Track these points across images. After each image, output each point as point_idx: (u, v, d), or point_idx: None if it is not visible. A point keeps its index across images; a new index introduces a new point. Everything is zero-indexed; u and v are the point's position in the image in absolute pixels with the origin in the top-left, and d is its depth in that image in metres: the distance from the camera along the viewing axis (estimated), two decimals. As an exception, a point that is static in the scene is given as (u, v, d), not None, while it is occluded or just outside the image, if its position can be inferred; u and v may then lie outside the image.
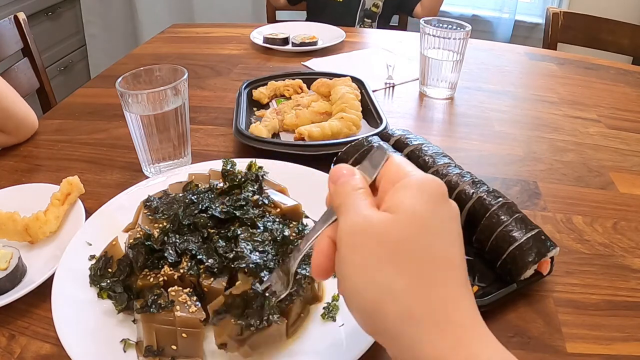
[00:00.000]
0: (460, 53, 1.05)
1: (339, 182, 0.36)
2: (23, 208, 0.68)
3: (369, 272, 0.31)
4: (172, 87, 0.75)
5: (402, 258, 0.31)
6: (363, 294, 0.32)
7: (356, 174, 0.36)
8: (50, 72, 2.16)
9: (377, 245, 0.31)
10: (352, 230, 0.33)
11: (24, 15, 1.41)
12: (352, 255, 0.32)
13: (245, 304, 0.47)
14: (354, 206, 0.34)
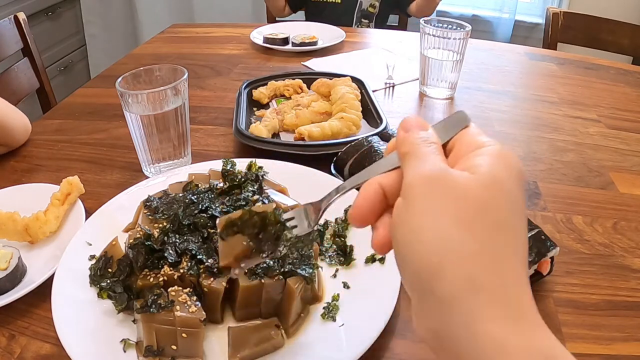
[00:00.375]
0: (460, 53, 1.05)
1: (412, 131, 0.34)
2: (23, 208, 0.68)
3: (441, 226, 0.28)
4: (172, 87, 0.75)
5: (478, 220, 0.28)
6: (427, 247, 0.28)
7: (430, 129, 0.34)
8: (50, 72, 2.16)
9: (454, 200, 0.29)
10: (428, 179, 0.30)
11: (24, 15, 1.41)
12: (424, 203, 0.29)
13: (262, 228, 0.43)
14: (427, 156, 0.31)
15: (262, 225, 0.43)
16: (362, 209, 0.33)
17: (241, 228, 0.43)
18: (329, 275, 0.60)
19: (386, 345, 0.53)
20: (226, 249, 0.42)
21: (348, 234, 0.65)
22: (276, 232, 0.42)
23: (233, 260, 0.42)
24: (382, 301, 0.54)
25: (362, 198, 0.34)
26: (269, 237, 0.42)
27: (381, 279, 0.57)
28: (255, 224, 0.43)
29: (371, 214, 0.34)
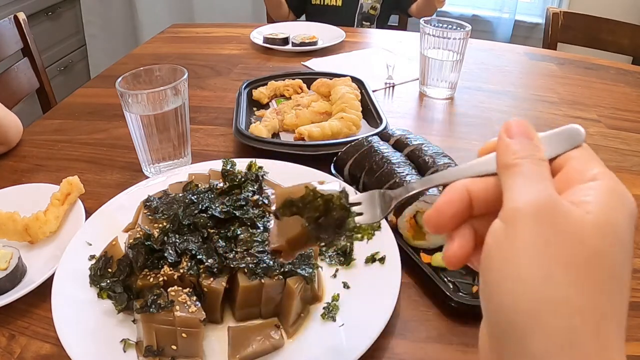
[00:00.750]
0: (460, 53, 1.05)
1: (520, 140, 0.30)
2: (23, 208, 0.68)
3: (547, 267, 0.25)
4: (172, 87, 0.75)
5: (590, 271, 0.25)
6: (527, 287, 0.25)
7: (538, 140, 0.30)
8: (50, 72, 2.16)
9: (567, 242, 0.25)
10: (538, 208, 0.26)
11: (24, 15, 1.41)
12: (530, 236, 0.26)
13: (325, 212, 0.38)
14: (537, 178, 0.27)
15: (325, 209, 0.38)
16: (443, 214, 0.30)
17: (301, 209, 0.38)
18: (329, 275, 0.60)
19: (386, 345, 0.53)
20: (280, 230, 0.38)
21: (348, 234, 0.65)
22: (339, 219, 0.37)
23: (285, 244, 0.38)
24: (382, 301, 0.54)
25: (445, 202, 0.30)
26: (330, 223, 0.38)
27: (381, 279, 0.57)
28: (318, 207, 0.37)
29: (451, 221, 0.30)
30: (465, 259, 0.30)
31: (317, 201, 0.38)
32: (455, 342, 0.54)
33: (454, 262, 0.30)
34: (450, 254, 0.30)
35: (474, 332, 0.55)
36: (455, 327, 0.55)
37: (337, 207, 0.37)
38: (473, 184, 0.30)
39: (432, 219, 0.30)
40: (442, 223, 0.30)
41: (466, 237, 0.30)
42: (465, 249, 0.30)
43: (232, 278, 0.54)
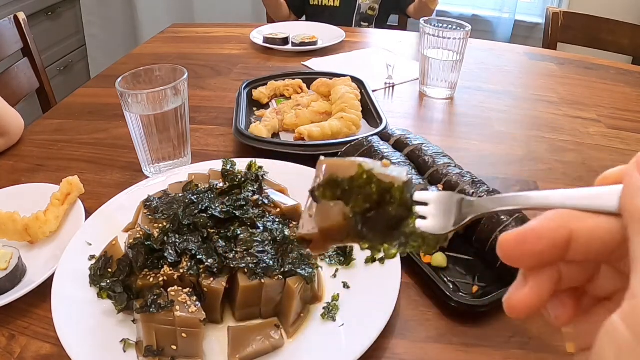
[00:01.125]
0: (460, 53, 1.05)
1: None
2: (23, 208, 0.68)
3: None
4: (172, 87, 0.75)
5: None
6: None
7: None
8: (50, 72, 2.16)
9: None
10: None
11: (24, 15, 1.41)
12: None
13: (378, 203, 0.29)
14: None
15: (379, 200, 0.29)
16: (528, 246, 0.22)
17: (346, 194, 0.29)
18: (329, 275, 0.60)
19: (386, 345, 0.53)
20: (316, 215, 0.30)
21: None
22: (396, 218, 0.29)
23: (318, 234, 0.30)
24: (382, 301, 0.54)
25: (536, 232, 0.22)
26: (382, 221, 0.29)
27: (381, 279, 0.57)
28: (370, 196, 0.29)
29: (534, 258, 0.23)
30: (535, 309, 0.23)
31: (371, 187, 0.29)
32: (455, 342, 0.54)
33: (519, 311, 0.23)
34: (518, 299, 0.23)
35: (474, 332, 0.55)
36: (455, 327, 0.55)
37: (396, 201, 0.29)
38: (579, 220, 0.22)
39: (509, 246, 0.23)
40: (521, 256, 0.23)
41: (545, 285, 0.23)
42: (538, 299, 0.23)
43: (232, 278, 0.54)
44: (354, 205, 0.29)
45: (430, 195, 0.30)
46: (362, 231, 0.30)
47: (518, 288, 0.24)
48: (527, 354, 0.52)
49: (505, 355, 0.52)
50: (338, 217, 0.29)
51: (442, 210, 0.29)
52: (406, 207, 0.29)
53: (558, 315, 0.24)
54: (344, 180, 0.29)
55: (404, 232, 0.29)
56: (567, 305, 0.24)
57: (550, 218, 0.23)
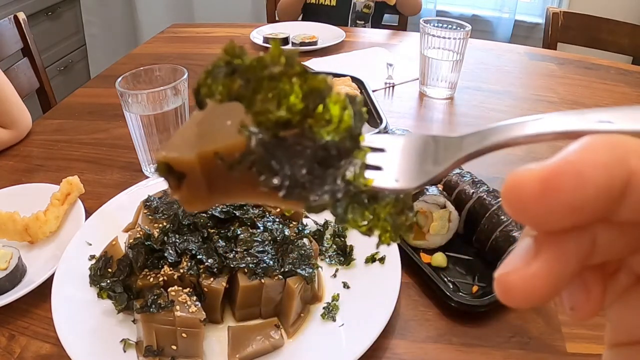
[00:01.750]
0: (460, 53, 1.05)
1: None
2: (23, 208, 0.68)
3: None
4: (172, 87, 0.75)
5: None
6: None
7: None
8: (50, 72, 2.16)
9: None
10: None
11: (24, 15, 1.41)
12: None
13: (300, 116, 0.18)
14: None
15: (305, 113, 0.18)
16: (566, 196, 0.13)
17: (250, 91, 0.18)
18: (329, 275, 0.60)
19: (386, 345, 0.53)
20: (199, 132, 0.19)
21: (348, 234, 0.65)
22: (333, 149, 0.18)
23: (197, 162, 0.18)
24: (382, 301, 0.54)
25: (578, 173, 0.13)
26: (308, 151, 0.18)
27: (381, 279, 0.57)
28: (288, 99, 0.18)
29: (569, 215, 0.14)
30: (545, 299, 0.15)
31: (290, 83, 0.18)
32: (455, 342, 0.54)
33: (518, 297, 0.15)
34: (520, 279, 0.14)
35: (473, 332, 0.55)
36: (455, 327, 0.55)
37: (333, 120, 0.18)
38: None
39: (531, 191, 0.14)
40: (547, 210, 0.14)
41: (569, 261, 0.14)
42: (554, 283, 0.14)
43: (232, 278, 0.54)
44: (260, 110, 0.17)
45: (387, 138, 0.19)
46: (271, 164, 0.17)
47: (524, 260, 0.14)
48: (527, 354, 0.52)
49: (505, 355, 0.52)
50: (231, 133, 0.18)
51: (408, 156, 0.19)
52: (350, 135, 0.18)
53: (577, 305, 0.16)
54: (247, 63, 0.18)
55: (344, 175, 0.18)
56: (592, 289, 0.16)
57: (598, 146, 0.13)
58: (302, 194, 0.17)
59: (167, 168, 0.18)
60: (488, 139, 0.17)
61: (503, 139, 0.17)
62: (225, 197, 0.19)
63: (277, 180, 0.17)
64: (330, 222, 0.66)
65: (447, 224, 0.63)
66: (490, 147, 0.17)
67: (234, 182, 0.18)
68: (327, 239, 0.64)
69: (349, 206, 0.17)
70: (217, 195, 0.19)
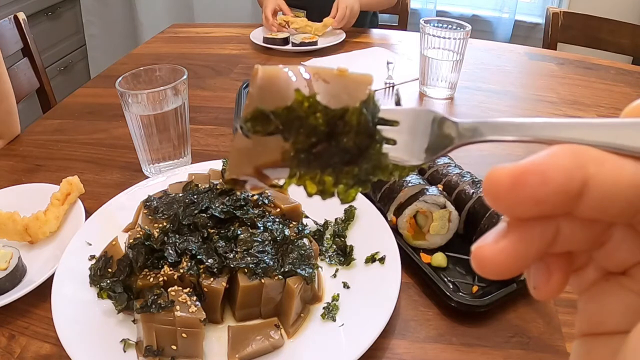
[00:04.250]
0: (460, 53, 1.05)
1: None
2: (23, 208, 0.68)
3: None
4: (172, 87, 0.75)
5: None
6: None
7: None
8: (50, 72, 2.16)
9: None
10: None
11: (24, 15, 1.41)
12: None
13: (327, 134, 0.22)
14: None
15: (330, 131, 0.22)
16: (531, 191, 0.16)
17: (285, 128, 0.22)
18: (329, 275, 0.60)
19: (386, 345, 0.53)
20: (249, 152, 0.23)
21: (348, 234, 0.65)
22: (356, 148, 0.22)
23: (253, 172, 0.23)
24: (382, 301, 0.54)
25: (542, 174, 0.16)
26: (338, 155, 0.23)
27: (381, 279, 0.57)
28: (316, 129, 0.22)
29: (534, 207, 0.16)
30: (510, 271, 0.17)
31: (315, 118, 0.22)
32: (455, 342, 0.54)
33: (488, 268, 0.17)
34: (491, 252, 0.17)
35: (473, 332, 0.55)
36: (455, 327, 0.55)
37: (352, 128, 0.22)
38: (599, 162, 0.16)
39: (502, 186, 0.16)
40: (515, 202, 0.16)
41: (533, 243, 0.17)
42: (519, 259, 0.17)
43: (232, 278, 0.54)
44: (295, 141, 0.22)
45: (401, 111, 0.23)
46: (311, 168, 0.23)
47: (495, 238, 0.17)
48: (527, 354, 0.52)
49: (505, 355, 0.52)
50: (275, 154, 0.22)
51: (417, 131, 0.22)
52: (367, 133, 0.22)
53: (538, 285, 0.18)
54: (278, 112, 0.22)
55: (367, 166, 0.23)
56: (553, 274, 0.18)
57: (561, 154, 0.16)
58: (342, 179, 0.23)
59: (234, 181, 0.24)
60: (481, 134, 0.20)
61: (493, 137, 0.20)
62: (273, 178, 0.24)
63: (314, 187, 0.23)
64: (330, 222, 0.66)
65: (447, 224, 0.63)
66: (481, 141, 0.20)
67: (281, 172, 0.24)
68: (327, 239, 0.64)
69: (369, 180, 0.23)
70: (270, 180, 0.24)
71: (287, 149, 0.22)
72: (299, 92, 0.22)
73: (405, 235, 0.64)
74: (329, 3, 1.51)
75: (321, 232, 0.65)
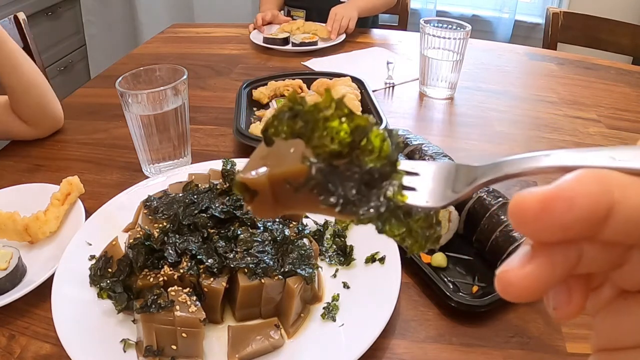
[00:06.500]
0: (460, 53, 1.05)
1: None
2: (23, 208, 0.68)
3: None
4: (172, 87, 0.75)
5: None
6: None
7: None
8: (50, 72, 2.16)
9: None
10: None
11: (24, 15, 1.41)
12: None
13: (350, 149, 0.22)
14: None
15: (352, 144, 0.22)
16: (558, 217, 0.16)
17: (309, 129, 0.22)
18: (329, 275, 0.60)
19: (386, 345, 0.53)
20: (268, 159, 0.23)
21: (348, 234, 0.65)
22: (375, 172, 0.22)
23: (267, 182, 0.23)
24: (382, 301, 0.54)
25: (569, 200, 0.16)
26: (357, 175, 0.22)
27: (381, 279, 0.57)
28: (339, 137, 0.22)
29: (561, 232, 0.17)
30: (536, 295, 0.18)
31: (340, 123, 0.22)
32: (455, 342, 0.54)
33: (515, 292, 0.18)
34: (517, 277, 0.17)
35: (473, 332, 0.55)
36: (455, 327, 0.55)
37: (375, 150, 0.22)
38: (625, 188, 0.16)
39: (530, 211, 0.17)
40: (542, 227, 0.17)
41: (558, 267, 0.18)
42: (545, 283, 0.17)
43: (232, 278, 0.54)
44: (318, 144, 0.22)
45: (420, 164, 0.23)
46: (329, 186, 0.22)
47: (521, 262, 0.18)
48: (527, 354, 0.52)
49: (505, 355, 0.52)
50: (295, 161, 0.22)
51: (436, 181, 0.22)
52: (389, 159, 0.22)
53: (559, 306, 0.19)
54: (304, 109, 0.22)
55: (385, 194, 0.22)
56: (574, 295, 0.19)
57: (586, 179, 0.16)
58: (353, 210, 0.22)
59: (244, 187, 0.23)
60: (501, 169, 0.20)
61: (514, 170, 0.20)
62: (287, 209, 0.24)
63: (334, 199, 0.22)
64: (330, 222, 0.66)
65: (447, 224, 0.63)
66: (502, 177, 0.20)
67: (296, 199, 0.23)
68: (327, 239, 0.64)
69: (388, 219, 0.22)
70: (281, 208, 0.24)
71: (307, 155, 0.22)
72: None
73: (405, 235, 0.64)
74: (328, 3, 1.51)
75: (321, 232, 0.65)
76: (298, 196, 0.22)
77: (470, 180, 0.21)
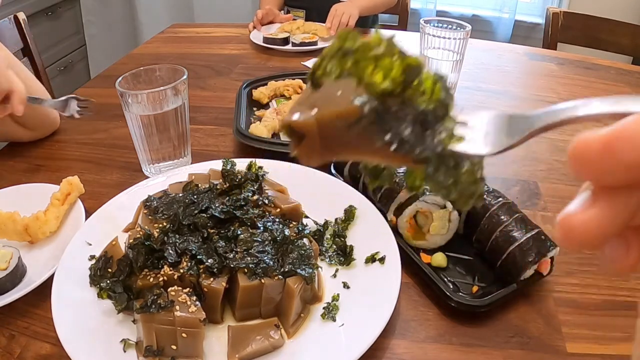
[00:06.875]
0: (460, 53, 1.05)
1: None
2: (23, 208, 0.68)
3: None
4: (172, 87, 0.75)
5: None
6: None
7: None
8: (50, 72, 2.16)
9: None
10: None
11: (24, 15, 1.41)
12: None
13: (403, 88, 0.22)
14: None
15: (405, 82, 0.21)
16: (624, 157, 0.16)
17: (360, 68, 0.21)
18: (329, 275, 0.60)
19: (386, 345, 0.53)
20: (317, 101, 0.22)
21: (348, 234, 0.65)
22: (428, 112, 0.22)
23: (315, 125, 0.22)
24: (382, 301, 0.54)
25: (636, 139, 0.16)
26: (409, 114, 0.21)
27: (381, 279, 0.57)
28: (391, 74, 0.21)
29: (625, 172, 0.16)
30: (599, 240, 0.17)
31: (391, 62, 0.21)
32: (455, 342, 0.54)
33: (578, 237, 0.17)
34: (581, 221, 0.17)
35: (473, 332, 0.55)
36: (455, 327, 0.55)
37: (428, 92, 0.22)
38: None
39: (593, 152, 0.17)
40: (606, 168, 0.17)
41: (621, 212, 0.17)
42: (609, 226, 0.17)
43: (232, 278, 0.54)
44: (369, 82, 0.21)
45: (472, 113, 0.23)
46: (383, 124, 0.21)
47: (583, 207, 0.17)
48: (527, 354, 0.52)
49: (505, 355, 0.52)
50: (345, 101, 0.21)
51: (490, 128, 0.21)
52: (442, 102, 0.22)
53: (618, 259, 0.18)
54: (357, 46, 0.21)
55: (439, 137, 0.21)
56: (632, 247, 0.18)
57: None
58: (408, 148, 0.21)
59: (291, 130, 0.22)
60: (557, 115, 0.20)
61: (569, 116, 0.19)
62: (335, 155, 0.23)
63: (389, 137, 0.21)
64: (330, 222, 0.66)
65: (447, 224, 0.63)
66: (558, 123, 0.20)
67: (345, 142, 0.22)
68: (327, 239, 0.64)
69: (439, 166, 0.21)
70: (328, 153, 0.23)
71: (358, 94, 0.21)
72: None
73: (405, 235, 0.64)
74: (328, 3, 1.51)
75: (321, 232, 0.65)
76: (348, 138, 0.21)
77: (525, 127, 0.20)
